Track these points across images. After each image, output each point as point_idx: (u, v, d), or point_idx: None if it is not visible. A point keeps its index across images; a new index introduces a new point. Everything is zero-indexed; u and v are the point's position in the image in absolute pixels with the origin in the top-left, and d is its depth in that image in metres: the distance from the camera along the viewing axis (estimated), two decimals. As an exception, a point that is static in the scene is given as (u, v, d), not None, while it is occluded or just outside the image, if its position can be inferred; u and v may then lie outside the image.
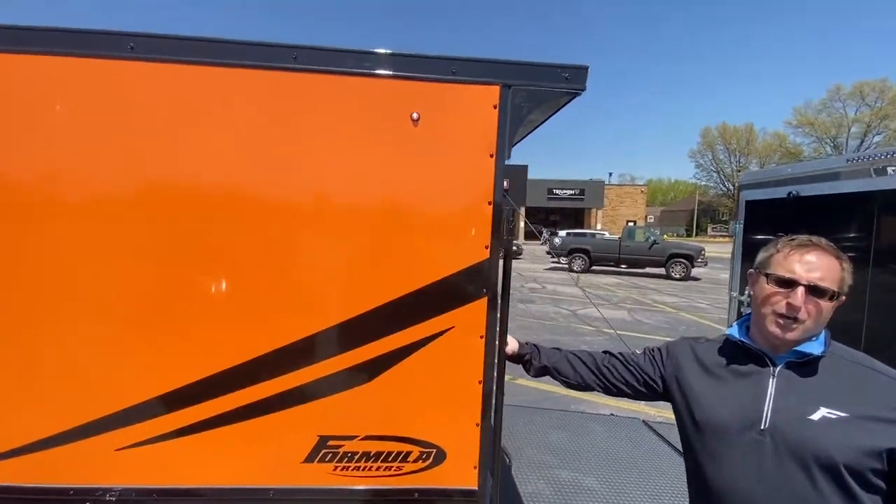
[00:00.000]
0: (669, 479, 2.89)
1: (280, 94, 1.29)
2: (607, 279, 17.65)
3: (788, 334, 1.11)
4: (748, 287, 1.27)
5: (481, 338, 1.37)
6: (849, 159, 2.91)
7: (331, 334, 1.35)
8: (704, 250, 18.54)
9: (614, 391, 1.44)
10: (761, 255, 1.21)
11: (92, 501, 1.35)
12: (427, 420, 1.40)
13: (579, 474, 2.96)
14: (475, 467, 1.41)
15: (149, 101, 1.27)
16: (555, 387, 1.59)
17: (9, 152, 1.25)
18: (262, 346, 1.33)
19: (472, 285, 1.36)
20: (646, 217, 50.61)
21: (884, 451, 1.02)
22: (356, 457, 1.39)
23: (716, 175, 62.65)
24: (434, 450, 1.40)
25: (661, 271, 18.54)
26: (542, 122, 1.72)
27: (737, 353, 1.23)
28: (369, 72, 1.30)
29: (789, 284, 1.11)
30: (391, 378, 1.37)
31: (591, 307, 11.22)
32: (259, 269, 1.33)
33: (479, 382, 1.39)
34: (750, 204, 3.69)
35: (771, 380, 1.14)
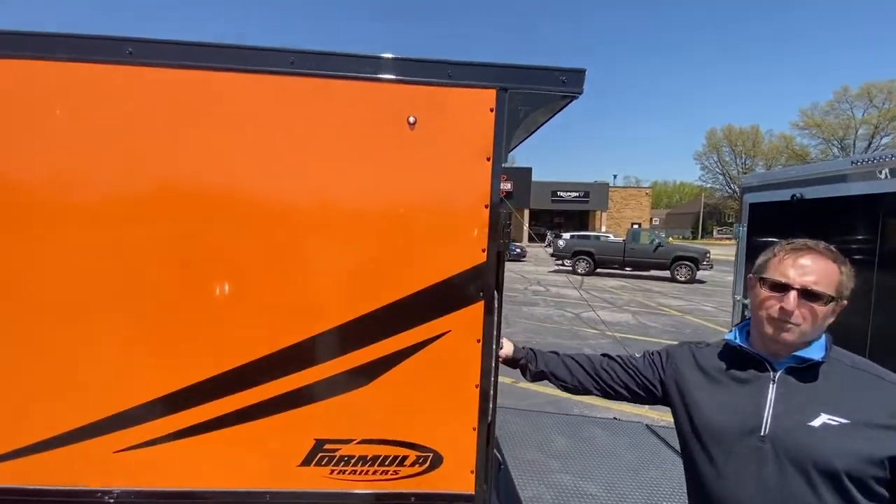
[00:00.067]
0: (673, 485, 2.86)
1: (277, 98, 1.30)
2: (612, 282, 17.58)
3: (783, 335, 1.11)
4: (748, 291, 1.27)
5: (478, 341, 1.37)
6: (853, 161, 2.89)
7: (327, 338, 1.35)
8: (710, 253, 18.43)
9: (612, 395, 1.43)
10: (759, 260, 1.21)
11: (91, 503, 1.36)
12: (424, 424, 1.40)
13: (581, 479, 2.93)
14: (472, 472, 1.40)
15: (148, 105, 1.28)
16: (557, 390, 1.59)
17: (9, 156, 1.27)
18: (259, 349, 1.34)
19: (468, 289, 1.35)
20: (651, 219, 50.38)
21: (886, 458, 1.00)
22: (353, 460, 1.39)
23: (721, 177, 62.30)
24: (431, 454, 1.40)
25: (666, 274, 18.45)
26: (541, 126, 1.72)
27: (737, 358, 1.21)
28: (366, 76, 1.30)
29: (783, 289, 1.11)
30: (388, 382, 1.36)
31: (595, 310, 11.17)
32: (255, 272, 1.34)
33: (476, 386, 1.38)
34: (753, 207, 3.67)
35: (771, 385, 1.13)
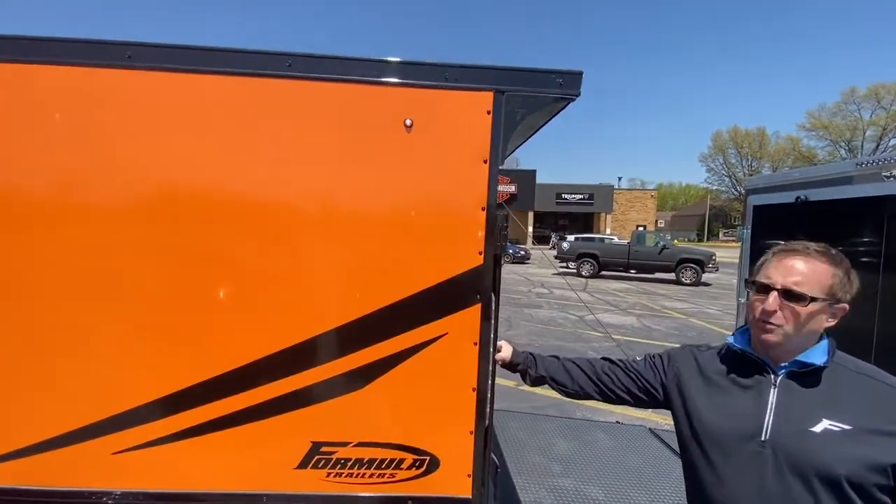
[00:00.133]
0: (675, 489, 2.83)
1: (274, 101, 1.30)
2: (616, 284, 17.49)
3: (765, 336, 1.11)
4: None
5: (475, 344, 1.37)
6: (858, 163, 2.86)
7: (324, 340, 1.35)
8: (715, 255, 18.32)
9: (614, 399, 1.42)
10: (756, 264, 1.21)
11: None
12: (421, 427, 1.39)
13: (583, 483, 2.91)
14: (469, 475, 1.40)
15: (148, 109, 1.29)
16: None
17: (9, 160, 1.28)
18: (256, 351, 1.34)
19: (465, 291, 1.35)
20: (656, 222, 50.14)
21: (889, 465, 0.99)
22: (349, 463, 1.38)
23: (727, 179, 61.93)
24: (427, 457, 1.39)
25: (671, 276, 18.35)
26: (539, 129, 1.72)
27: (738, 361, 1.20)
28: (363, 78, 1.31)
29: (766, 290, 1.11)
30: (385, 384, 1.36)
31: (598, 313, 11.12)
32: (252, 274, 1.34)
33: (473, 389, 1.38)
34: (757, 209, 3.64)
35: (772, 390, 1.12)
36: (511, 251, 25.49)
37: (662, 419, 4.57)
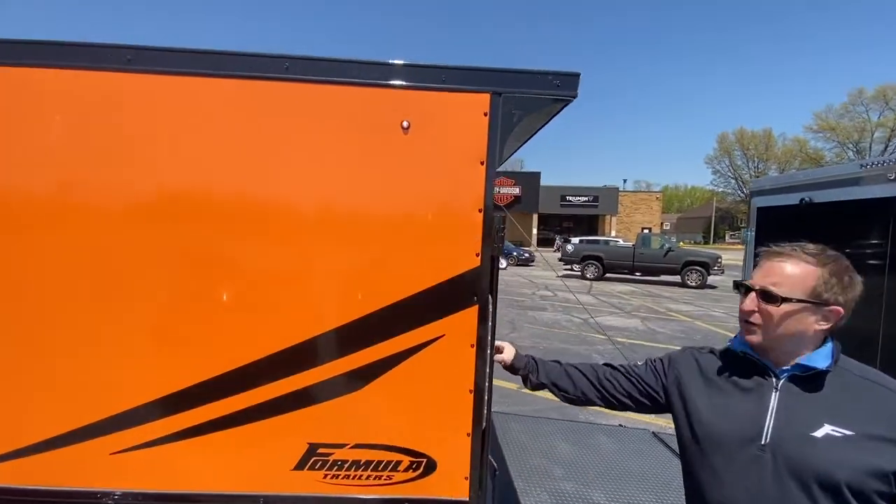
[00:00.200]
0: (679, 494, 2.79)
1: (271, 103, 1.31)
2: (621, 287, 17.41)
3: (749, 336, 1.14)
4: None
5: (472, 346, 1.36)
6: (863, 165, 2.83)
7: (320, 342, 1.35)
8: (721, 258, 18.21)
9: (616, 404, 1.41)
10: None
11: None
12: (418, 429, 1.39)
13: (585, 487, 2.89)
14: (466, 478, 1.39)
15: (147, 111, 1.30)
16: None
17: (10, 162, 1.29)
18: (253, 352, 1.34)
19: (462, 293, 1.35)
20: (661, 224, 49.91)
21: (891, 472, 0.97)
22: (346, 465, 1.38)
23: (733, 181, 61.46)
24: (424, 459, 1.39)
25: (677, 279, 18.23)
26: (538, 131, 1.71)
27: (740, 364, 1.19)
28: (359, 80, 1.31)
29: (747, 290, 1.14)
30: (382, 386, 1.36)
31: (602, 316, 11.07)
32: (250, 276, 1.35)
33: (470, 391, 1.37)
34: (762, 210, 3.61)
35: (773, 393, 1.11)
36: (515, 253, 25.46)
37: (666, 423, 4.51)
